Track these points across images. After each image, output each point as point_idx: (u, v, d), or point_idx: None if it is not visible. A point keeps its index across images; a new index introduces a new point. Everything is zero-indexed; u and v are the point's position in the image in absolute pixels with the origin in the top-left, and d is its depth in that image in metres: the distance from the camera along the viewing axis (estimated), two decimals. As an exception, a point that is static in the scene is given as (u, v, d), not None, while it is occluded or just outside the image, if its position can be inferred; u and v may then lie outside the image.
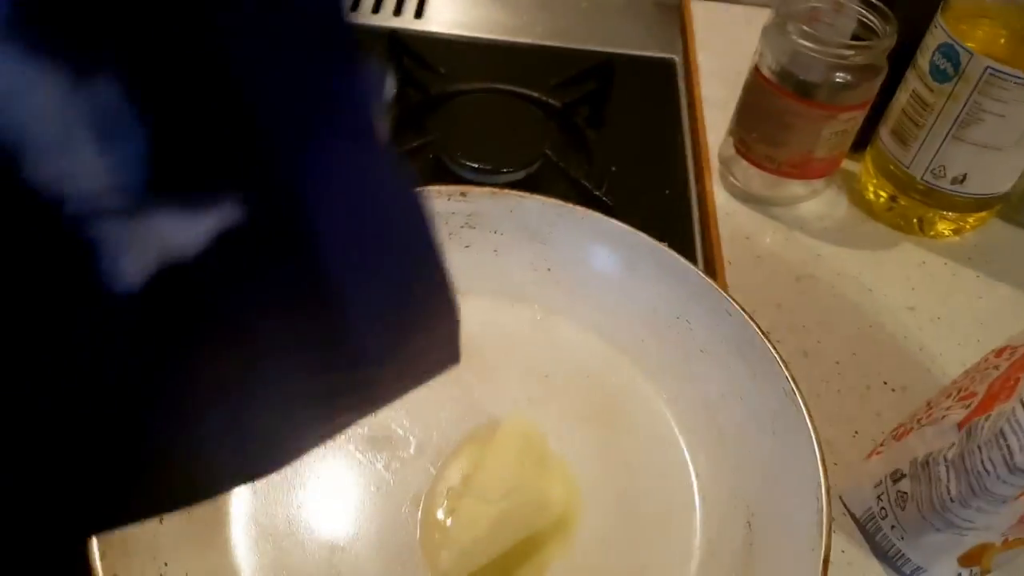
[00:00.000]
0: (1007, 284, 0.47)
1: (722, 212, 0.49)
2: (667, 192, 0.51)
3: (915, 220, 0.48)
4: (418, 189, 0.16)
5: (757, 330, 0.33)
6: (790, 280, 0.46)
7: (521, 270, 0.38)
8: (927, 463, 0.31)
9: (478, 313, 0.38)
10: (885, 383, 0.42)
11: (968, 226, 0.48)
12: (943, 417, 0.32)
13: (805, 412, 0.30)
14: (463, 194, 0.37)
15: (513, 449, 0.31)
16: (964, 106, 0.42)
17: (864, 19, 0.44)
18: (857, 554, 0.35)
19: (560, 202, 0.37)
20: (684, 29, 0.63)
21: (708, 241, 0.48)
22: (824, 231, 0.49)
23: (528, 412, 0.34)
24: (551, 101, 0.54)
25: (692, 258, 0.46)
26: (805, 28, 0.42)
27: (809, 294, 0.45)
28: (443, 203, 0.37)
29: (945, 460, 0.30)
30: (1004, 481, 0.27)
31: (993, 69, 0.40)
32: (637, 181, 0.51)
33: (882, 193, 0.49)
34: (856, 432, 0.39)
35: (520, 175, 0.48)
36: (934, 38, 0.43)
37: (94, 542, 0.24)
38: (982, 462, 0.28)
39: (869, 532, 0.36)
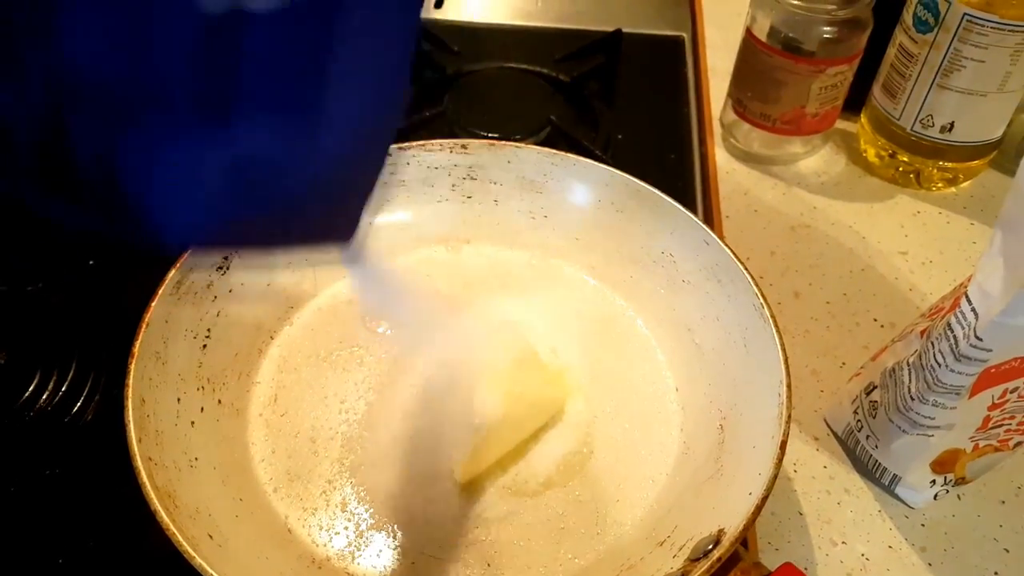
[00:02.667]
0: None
1: (723, 171, 0.52)
2: (672, 156, 0.54)
3: (912, 174, 0.50)
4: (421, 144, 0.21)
5: (732, 255, 0.35)
6: (785, 229, 0.48)
7: (519, 218, 0.42)
8: (893, 371, 0.34)
9: (480, 259, 0.42)
10: (875, 320, 0.44)
11: (962, 176, 0.50)
12: (911, 331, 0.34)
13: (772, 323, 0.33)
14: (464, 146, 0.41)
15: (512, 363, 0.35)
16: (946, 54, 0.44)
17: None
18: (839, 468, 0.38)
19: (554, 151, 0.41)
20: (693, 5, 0.66)
21: (708, 197, 0.51)
22: (821, 186, 0.51)
23: (530, 336, 0.38)
24: (559, 76, 0.57)
25: (696, 212, 0.49)
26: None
27: (803, 242, 0.48)
28: (446, 156, 0.41)
29: (908, 364, 0.32)
30: (952, 370, 0.29)
31: (970, 15, 0.42)
32: (642, 147, 0.54)
33: (882, 151, 0.51)
34: (844, 363, 0.42)
35: (529, 143, 0.52)
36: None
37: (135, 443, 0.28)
38: (934, 356, 0.30)
39: (849, 447, 0.38)
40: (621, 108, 0.58)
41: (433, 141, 0.41)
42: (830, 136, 0.53)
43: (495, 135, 0.52)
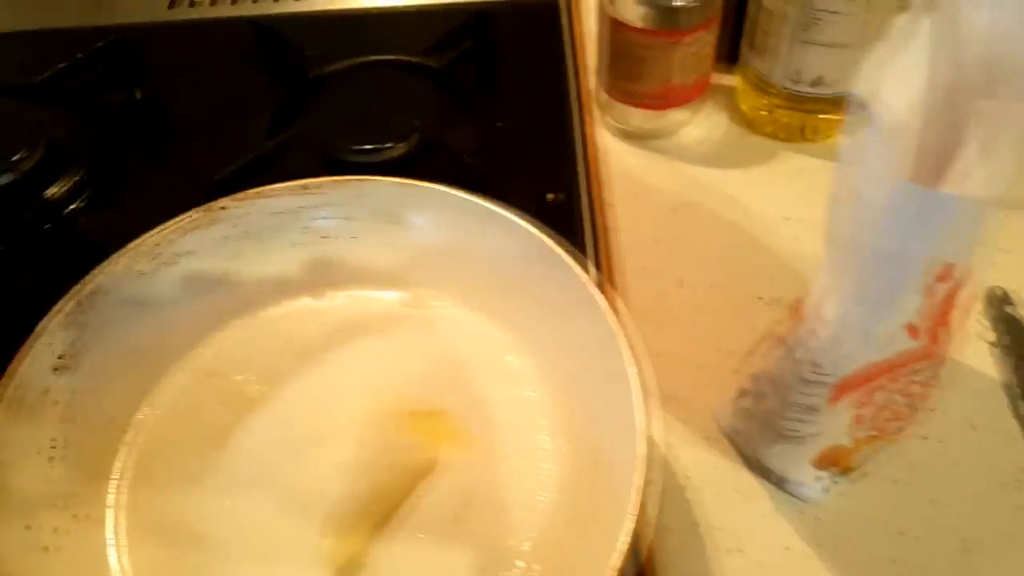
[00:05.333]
0: (888, 177, 0.47)
1: (606, 153, 0.50)
2: (554, 141, 0.52)
3: (799, 128, 0.48)
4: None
5: (586, 280, 0.34)
6: (667, 211, 0.47)
7: (382, 251, 0.40)
8: (758, 379, 0.33)
9: (349, 302, 0.40)
10: (760, 298, 0.43)
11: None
12: (774, 333, 0.33)
13: (626, 354, 0.31)
14: (304, 187, 0.38)
15: (384, 423, 0.34)
16: (803, 9, 0.41)
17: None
18: (731, 468, 0.37)
19: (401, 181, 0.38)
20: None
21: (590, 185, 0.48)
22: (704, 155, 0.49)
23: (400, 384, 0.36)
24: (429, 64, 0.54)
25: (578, 204, 0.47)
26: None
27: (685, 222, 0.46)
28: (290, 200, 0.38)
29: (768, 376, 0.32)
30: (802, 392, 0.29)
31: (819, -32, 0.40)
32: (523, 134, 0.52)
33: (762, 109, 0.49)
34: (730, 352, 0.41)
35: (402, 149, 0.49)
36: (767, -56, 0.42)
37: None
38: (785, 376, 0.29)
39: (737, 447, 0.37)
40: (500, 90, 0.55)
41: (272, 187, 0.39)
42: (711, 95, 0.51)
43: (369, 146, 0.49)
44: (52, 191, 0.48)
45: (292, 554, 0.32)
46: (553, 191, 0.48)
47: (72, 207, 0.49)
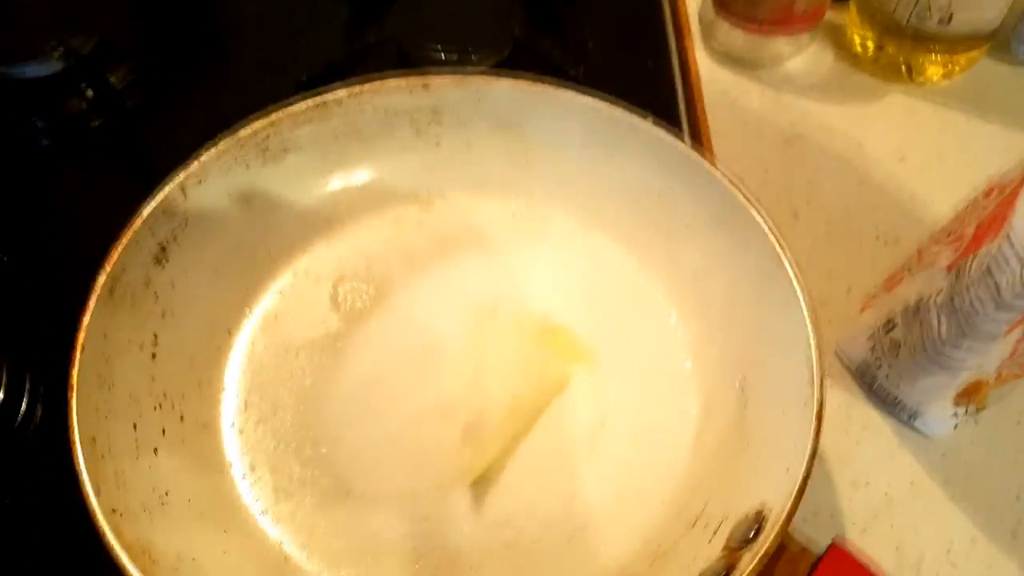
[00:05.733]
0: (997, 124, 0.45)
1: (706, 79, 0.47)
2: (649, 64, 0.49)
3: (903, 67, 0.47)
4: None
5: (742, 197, 0.32)
6: (778, 143, 0.45)
7: (497, 162, 0.37)
8: (917, 309, 0.31)
9: (457, 213, 0.37)
10: (877, 237, 0.41)
11: (958, 68, 0.46)
12: (932, 262, 0.32)
13: (792, 276, 0.30)
14: (426, 86, 0.35)
15: (506, 334, 0.32)
16: (950, -65, 0.39)
17: None
18: (855, 403, 0.36)
19: (529, 81, 0.35)
20: None
21: (692, 111, 0.46)
22: (811, 88, 0.47)
23: (520, 298, 0.34)
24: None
25: (678, 129, 0.45)
26: None
27: (797, 155, 0.44)
28: (406, 98, 0.35)
29: (935, 304, 0.30)
30: (992, 319, 0.27)
31: None
32: (617, 55, 0.49)
33: (869, 43, 0.47)
34: (850, 288, 0.39)
35: (491, 61, 0.46)
36: None
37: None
38: (971, 302, 0.28)
39: (866, 382, 0.36)
40: (588, 9, 0.51)
41: (389, 80, 0.35)
42: (816, 32, 0.49)
43: (454, 56, 0.45)
44: (111, 80, 0.44)
45: (433, 462, 0.29)
46: (652, 112, 0.45)
47: (132, 102, 0.44)
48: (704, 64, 0.48)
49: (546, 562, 0.28)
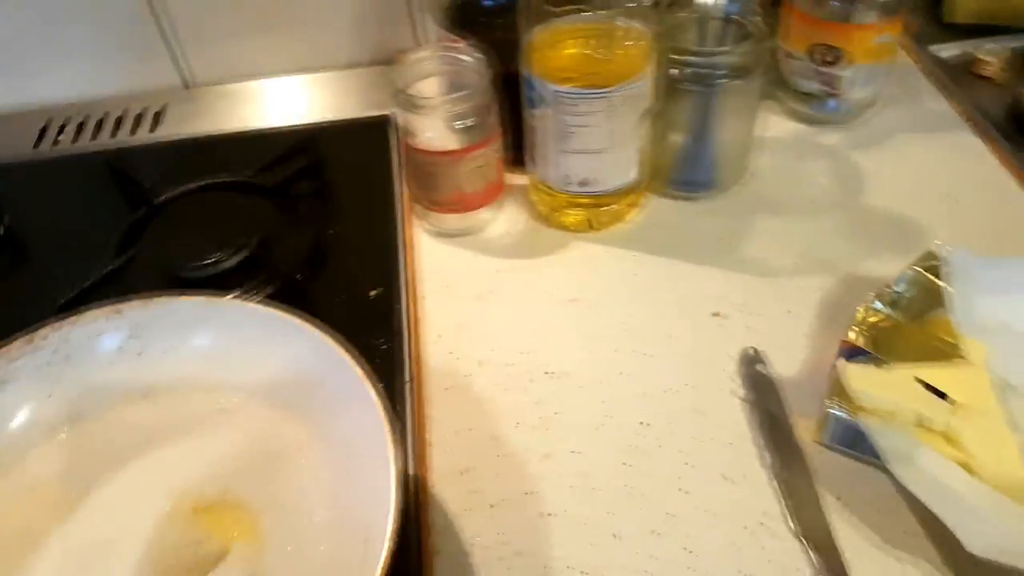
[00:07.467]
0: (662, 256, 0.54)
1: (424, 251, 0.56)
2: (379, 244, 0.57)
3: (585, 220, 0.55)
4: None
5: (362, 377, 0.39)
6: (471, 299, 0.52)
7: (178, 362, 0.44)
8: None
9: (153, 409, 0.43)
10: (546, 373, 0.48)
11: (626, 213, 0.55)
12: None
13: (388, 441, 0.36)
14: (118, 311, 0.43)
15: (164, 523, 0.37)
16: (557, 125, 0.49)
17: (460, 68, 0.50)
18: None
19: (203, 298, 0.43)
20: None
21: (408, 281, 0.54)
22: (505, 248, 0.55)
23: (186, 485, 0.40)
24: (263, 182, 0.60)
25: (398, 299, 0.53)
26: (409, 94, 0.49)
27: (487, 309, 0.52)
28: (104, 324, 0.43)
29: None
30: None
31: (559, 92, 0.47)
32: (353, 239, 0.57)
33: (547, 205, 0.55)
34: (519, 423, 0.46)
35: (229, 264, 0.54)
36: (523, 72, 0.49)
37: None
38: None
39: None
40: (333, 202, 0.60)
41: (86, 309, 0.43)
42: (512, 194, 0.57)
43: (203, 261, 0.53)
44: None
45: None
46: (375, 287, 0.53)
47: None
48: (423, 238, 0.56)
49: None
